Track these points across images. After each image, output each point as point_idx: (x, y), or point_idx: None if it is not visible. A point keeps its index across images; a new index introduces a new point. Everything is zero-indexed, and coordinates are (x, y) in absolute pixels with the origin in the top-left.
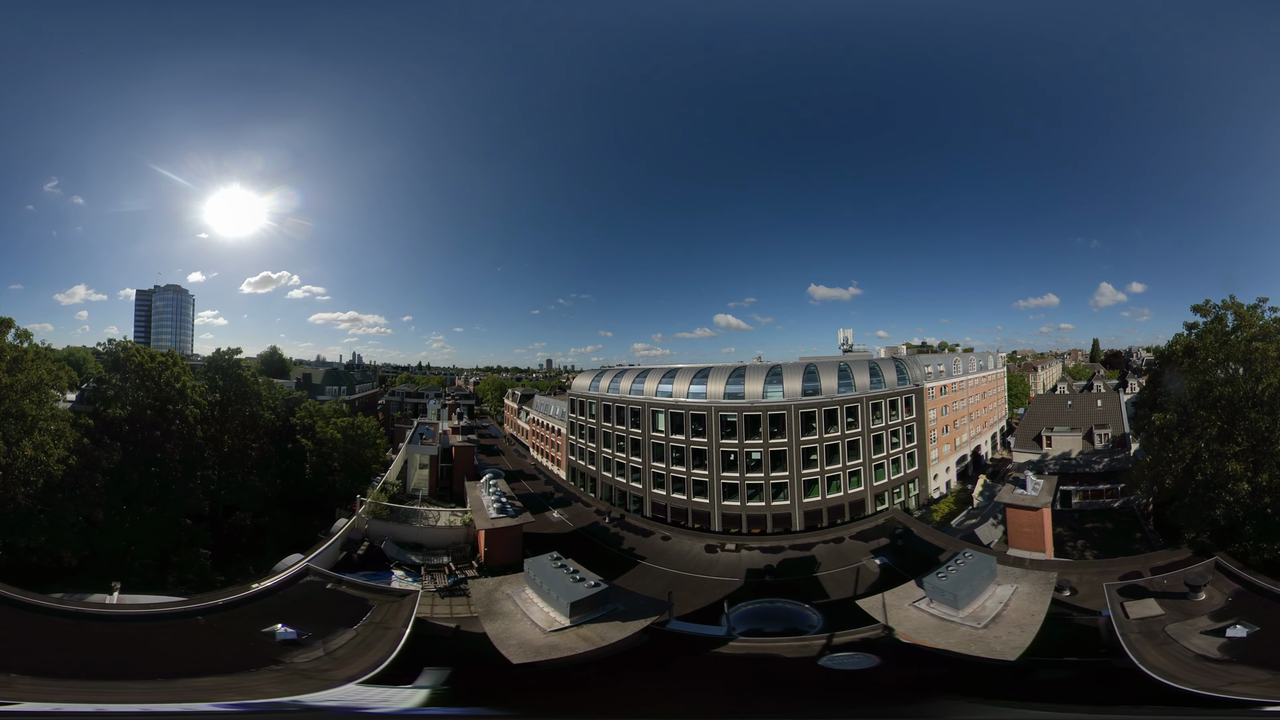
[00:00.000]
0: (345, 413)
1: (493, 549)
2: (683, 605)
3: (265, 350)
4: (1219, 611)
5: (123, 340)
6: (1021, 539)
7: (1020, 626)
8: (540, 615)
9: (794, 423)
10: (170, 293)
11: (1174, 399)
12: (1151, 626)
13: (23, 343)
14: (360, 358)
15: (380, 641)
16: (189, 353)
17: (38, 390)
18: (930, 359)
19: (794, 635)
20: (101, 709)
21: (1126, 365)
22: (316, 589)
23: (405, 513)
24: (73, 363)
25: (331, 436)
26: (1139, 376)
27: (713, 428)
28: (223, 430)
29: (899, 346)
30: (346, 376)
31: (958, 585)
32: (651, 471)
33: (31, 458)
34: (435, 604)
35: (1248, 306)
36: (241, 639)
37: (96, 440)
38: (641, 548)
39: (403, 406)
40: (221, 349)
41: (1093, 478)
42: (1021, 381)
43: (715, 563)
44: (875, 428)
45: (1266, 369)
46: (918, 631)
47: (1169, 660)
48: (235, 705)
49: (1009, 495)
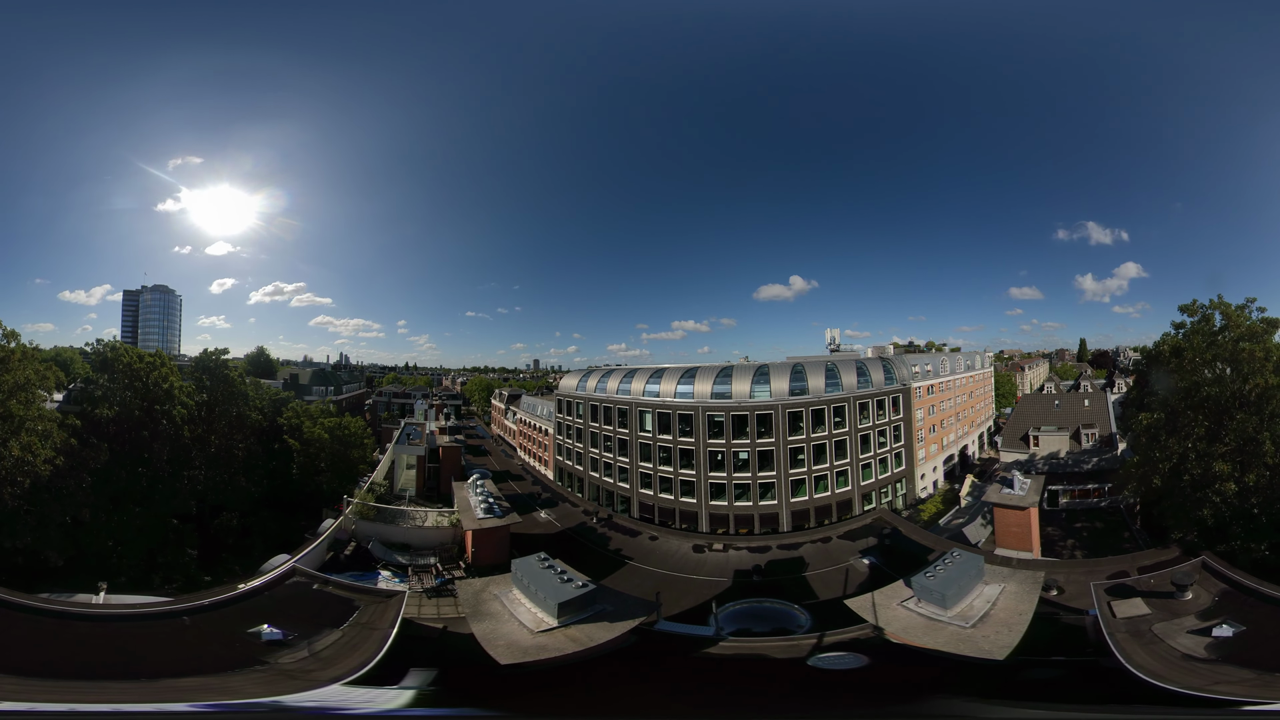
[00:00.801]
0: (332, 413)
1: (480, 549)
2: (671, 605)
3: (252, 351)
4: (1205, 611)
5: (110, 340)
6: (1009, 538)
7: (1008, 626)
8: (528, 616)
9: (781, 422)
10: (157, 293)
11: (1161, 399)
12: (1138, 626)
13: (10, 343)
14: (347, 358)
15: (367, 642)
16: (176, 353)
17: (24, 390)
18: (917, 359)
19: (782, 635)
20: (86, 709)
21: (1114, 365)
22: (303, 589)
23: (392, 513)
24: (60, 363)
25: (318, 437)
26: (1126, 376)
27: (700, 427)
28: (210, 430)
29: (886, 346)
30: (334, 377)
31: (946, 585)
32: (639, 471)
33: (18, 458)
34: (422, 604)
35: (1235, 307)
36: (227, 639)
37: (84, 440)
38: (629, 548)
39: (390, 407)
40: (209, 349)
41: (1080, 477)
42: (1009, 381)
43: (703, 563)
44: (862, 427)
45: (1254, 369)
46: (906, 631)
47: (1155, 659)
48: (220, 705)
49: (996, 495)
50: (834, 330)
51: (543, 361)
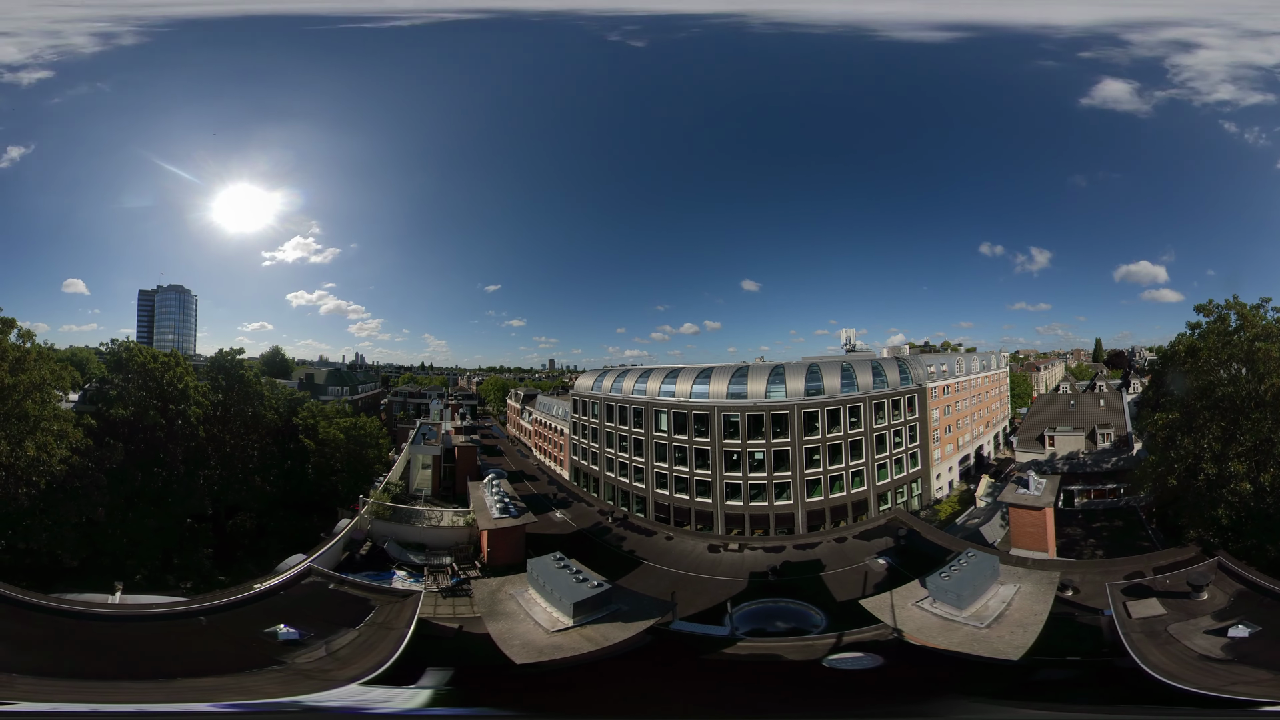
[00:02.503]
0: (348, 413)
1: (495, 549)
2: (686, 605)
3: (267, 350)
4: (1221, 611)
5: (125, 340)
6: (1024, 538)
7: (1023, 626)
8: (543, 615)
9: (797, 423)
10: (173, 293)
11: (1177, 399)
12: (1154, 626)
13: (25, 343)
14: (363, 358)
15: (383, 642)
16: (192, 353)
17: (40, 390)
18: (933, 359)
19: (798, 635)
20: (102, 709)
21: (1129, 365)
22: (319, 589)
23: (408, 513)
24: (75, 363)
25: (334, 437)
26: (1142, 376)
27: (715, 428)
28: (225, 430)
29: (902, 346)
30: (349, 377)
31: (961, 585)
32: (654, 471)
33: (34, 458)
34: (438, 604)
35: (1250, 306)
36: (244, 639)
37: (99, 440)
38: (644, 548)
39: (405, 407)
40: (224, 349)
41: (1096, 477)
42: (1024, 381)
43: (718, 563)
44: (878, 427)
45: (1270, 369)
46: (921, 631)
47: (1171, 660)
48: (238, 705)
49: (1011, 495)
50: (849, 330)
51: (558, 361)
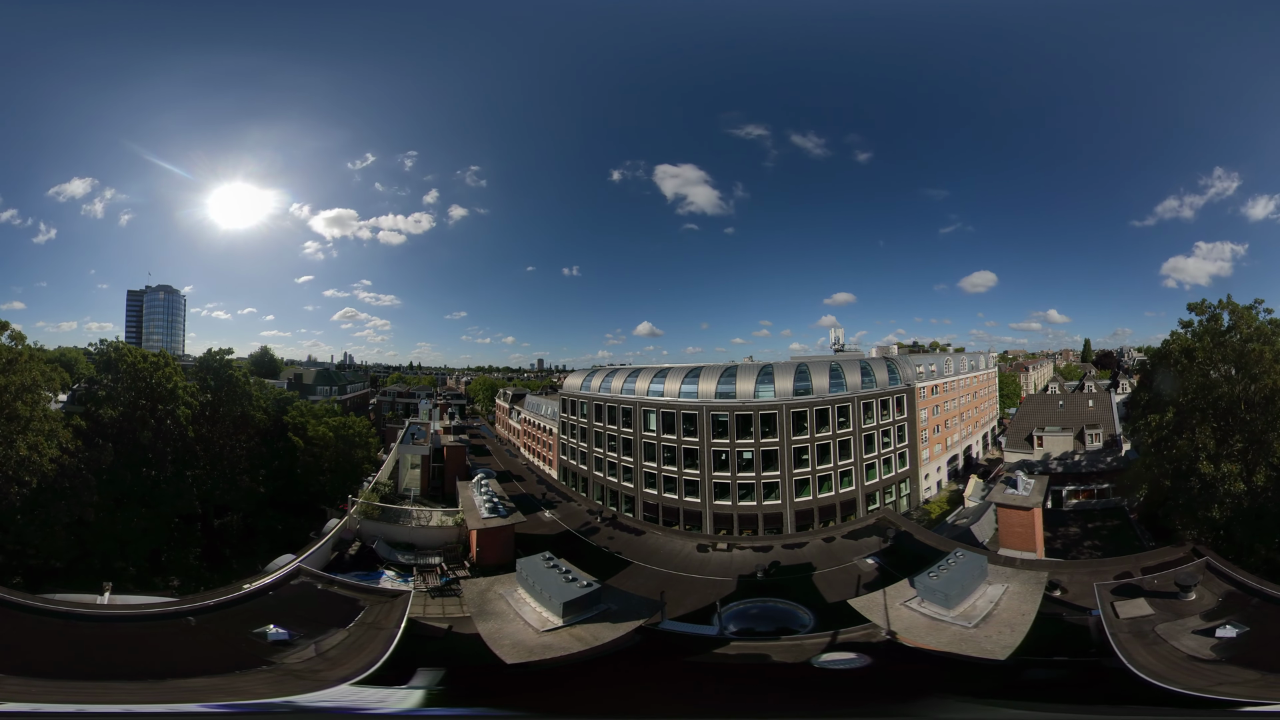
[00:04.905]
0: (336, 412)
1: (484, 549)
2: (675, 605)
3: (256, 350)
4: (1209, 612)
5: (114, 340)
6: (1012, 538)
7: (1011, 626)
8: (533, 615)
9: (785, 422)
10: (161, 293)
11: (1167, 399)
12: (1141, 626)
13: (16, 344)
14: (351, 358)
15: (373, 642)
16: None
17: (31, 391)
18: (921, 359)
19: (786, 635)
20: (90, 709)
21: (1118, 365)
22: (308, 589)
23: (397, 513)
24: (64, 363)
25: (323, 436)
26: (1130, 376)
27: (704, 427)
28: (214, 430)
29: (890, 346)
30: (338, 376)
31: (949, 584)
32: (643, 471)
33: (24, 457)
34: (427, 604)
35: (1243, 307)
36: (233, 639)
37: (88, 441)
38: (633, 547)
39: (394, 406)
40: (212, 349)
41: (1084, 477)
42: (1013, 381)
43: (707, 562)
44: (867, 427)
45: (1262, 370)
46: (909, 631)
47: (1159, 660)
48: (227, 706)
49: (1000, 495)
50: (838, 330)
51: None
